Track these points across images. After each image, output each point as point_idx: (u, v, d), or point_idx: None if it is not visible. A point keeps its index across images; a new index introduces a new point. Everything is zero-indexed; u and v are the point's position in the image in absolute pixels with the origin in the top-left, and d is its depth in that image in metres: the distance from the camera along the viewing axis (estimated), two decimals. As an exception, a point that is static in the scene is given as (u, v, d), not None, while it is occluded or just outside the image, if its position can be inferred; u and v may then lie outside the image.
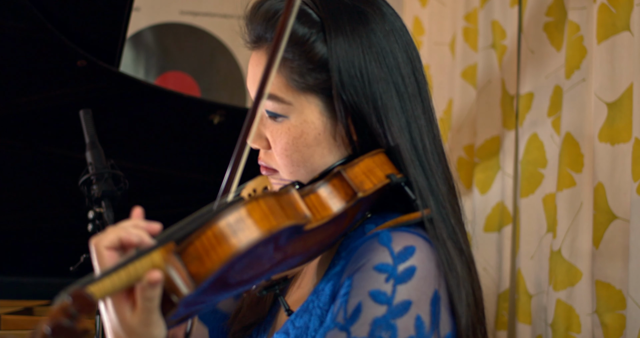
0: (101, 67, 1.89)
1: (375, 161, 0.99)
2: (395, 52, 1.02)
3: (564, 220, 1.69)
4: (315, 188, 0.95)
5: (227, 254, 0.82)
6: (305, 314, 1.00)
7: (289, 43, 0.98)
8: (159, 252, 0.83)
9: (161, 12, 2.77)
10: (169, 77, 2.78)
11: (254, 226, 0.83)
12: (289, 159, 1.03)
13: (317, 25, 1.01)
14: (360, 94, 1.00)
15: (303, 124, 1.02)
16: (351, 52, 1.00)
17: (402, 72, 1.02)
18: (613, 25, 1.57)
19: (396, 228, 0.97)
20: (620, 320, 1.56)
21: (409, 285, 0.92)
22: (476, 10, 2.13)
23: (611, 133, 1.57)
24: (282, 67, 1.01)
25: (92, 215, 1.54)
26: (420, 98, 1.04)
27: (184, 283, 0.82)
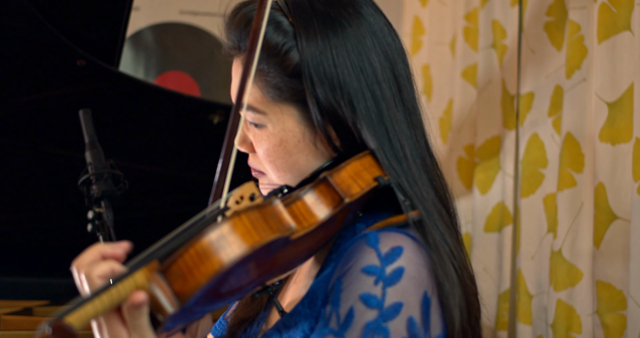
0: (100, 67, 1.89)
1: (363, 164, 0.98)
2: (371, 55, 1.01)
3: (564, 220, 1.69)
4: (301, 195, 0.94)
5: (210, 272, 0.82)
6: (296, 315, 1.00)
7: (263, 54, 0.99)
8: (142, 272, 0.83)
9: (161, 11, 2.76)
10: (168, 77, 2.78)
11: (237, 242, 0.83)
12: (273, 164, 1.04)
13: (289, 34, 1.01)
14: (334, 101, 0.99)
15: (281, 133, 1.02)
16: (322, 59, 0.99)
17: (379, 76, 1.01)
18: (614, 25, 1.57)
19: (385, 228, 0.97)
20: (621, 321, 1.55)
21: (398, 287, 0.92)
22: (476, 9, 2.13)
23: (612, 132, 1.57)
24: (257, 79, 1.02)
25: (92, 215, 1.54)
26: (402, 102, 1.02)
27: (168, 302, 0.83)
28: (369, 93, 1.00)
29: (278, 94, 1.01)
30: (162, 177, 2.15)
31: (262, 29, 0.94)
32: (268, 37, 1.00)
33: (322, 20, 1.01)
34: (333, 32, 1.00)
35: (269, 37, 1.00)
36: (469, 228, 2.12)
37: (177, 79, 2.79)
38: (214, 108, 2.07)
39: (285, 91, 1.01)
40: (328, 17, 1.01)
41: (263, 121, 1.03)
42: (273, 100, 1.02)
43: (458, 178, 2.17)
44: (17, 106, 1.93)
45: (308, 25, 1.00)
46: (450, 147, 2.21)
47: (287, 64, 1.00)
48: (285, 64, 1.00)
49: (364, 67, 1.00)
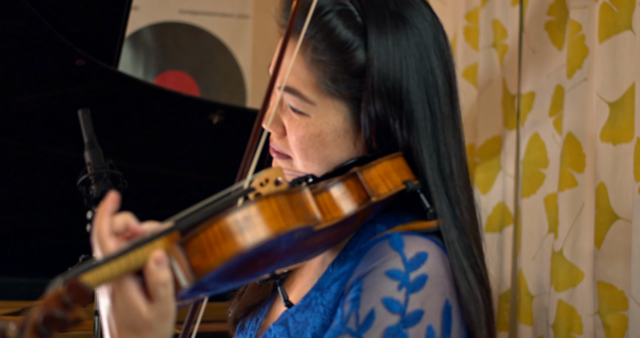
0: (100, 66, 1.89)
1: (394, 165, 0.97)
2: (435, 69, 0.99)
3: (565, 220, 1.69)
4: (329, 187, 0.93)
5: (232, 251, 0.80)
6: (307, 310, 0.99)
7: (328, 45, 0.96)
8: (162, 241, 0.81)
9: (160, 11, 2.76)
10: (168, 77, 2.78)
11: (262, 225, 0.81)
12: (304, 152, 1.01)
13: (360, 32, 0.97)
14: (393, 109, 0.97)
15: (323, 125, 1.00)
16: (390, 65, 0.96)
17: (440, 91, 0.99)
18: (615, 24, 1.56)
19: (409, 232, 0.96)
20: (623, 321, 1.55)
21: (421, 294, 0.91)
22: (477, 9, 2.13)
23: (613, 132, 1.57)
24: (314, 67, 0.98)
25: (91, 215, 1.53)
26: (453, 120, 1.02)
27: (184, 275, 0.81)
28: (428, 107, 0.98)
29: (334, 88, 0.98)
30: (162, 177, 2.14)
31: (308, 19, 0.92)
32: (337, 30, 0.96)
33: (395, 21, 0.97)
34: (404, 38, 0.97)
35: (338, 31, 0.96)
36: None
37: (177, 79, 2.78)
38: (213, 108, 2.06)
39: (343, 87, 0.98)
40: (400, 19, 0.98)
41: (308, 109, 0.99)
42: (326, 92, 0.98)
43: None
44: (16, 105, 1.93)
45: (380, 26, 0.97)
46: (451, 147, 2.20)
47: (351, 62, 0.97)
48: (350, 63, 0.97)
49: (428, 80, 0.98)
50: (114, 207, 0.84)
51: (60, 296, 0.74)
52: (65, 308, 0.73)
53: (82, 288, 0.74)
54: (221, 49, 2.80)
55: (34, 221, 2.12)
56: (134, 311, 0.79)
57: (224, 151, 2.08)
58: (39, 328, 0.72)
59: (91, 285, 0.76)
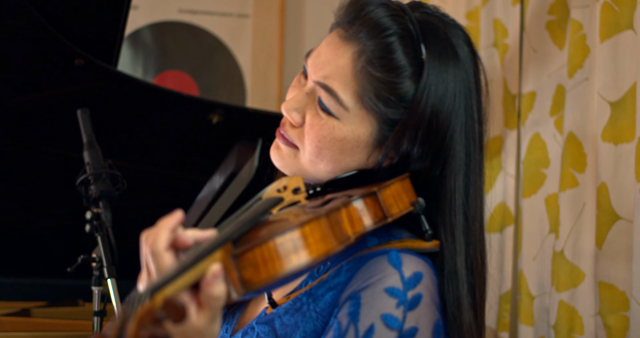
0: (99, 66, 1.89)
1: (404, 186, 1.00)
2: (473, 108, 1.01)
3: (566, 220, 1.68)
4: (352, 202, 0.94)
5: (284, 269, 0.82)
6: (297, 314, 1.01)
7: (384, 64, 0.97)
8: (219, 253, 0.83)
9: (159, 10, 2.76)
10: (167, 77, 2.77)
11: (313, 246, 0.84)
12: (318, 150, 1.01)
13: (417, 62, 0.98)
14: (430, 145, 0.99)
15: (349, 133, 1.01)
16: (440, 106, 0.98)
17: (475, 130, 1.01)
18: (616, 23, 1.56)
19: (405, 250, 0.99)
20: (624, 322, 1.55)
21: (416, 312, 0.95)
22: (478, 8, 2.12)
23: (614, 132, 1.57)
24: (363, 78, 0.98)
25: (90, 216, 1.53)
26: (480, 154, 1.04)
27: (234, 287, 0.83)
28: (464, 151, 1.00)
29: (374, 103, 0.99)
30: (161, 177, 2.14)
31: None
32: (396, 54, 0.98)
33: (453, 64, 0.99)
34: (458, 75, 0.99)
35: (396, 55, 0.98)
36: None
37: (176, 79, 2.78)
38: (213, 108, 2.06)
39: (382, 106, 0.99)
40: (458, 62, 1.00)
41: (340, 113, 1.00)
42: (364, 104, 0.99)
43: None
44: (15, 105, 1.93)
45: (440, 66, 0.98)
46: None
47: (400, 87, 0.99)
48: (398, 86, 0.99)
49: (469, 120, 1.00)
50: (176, 225, 0.85)
51: (154, 311, 0.74)
52: (159, 325, 0.73)
53: (177, 305, 0.74)
54: (221, 48, 2.80)
55: (33, 221, 2.12)
56: (186, 321, 0.80)
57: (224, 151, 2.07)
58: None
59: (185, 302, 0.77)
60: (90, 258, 1.52)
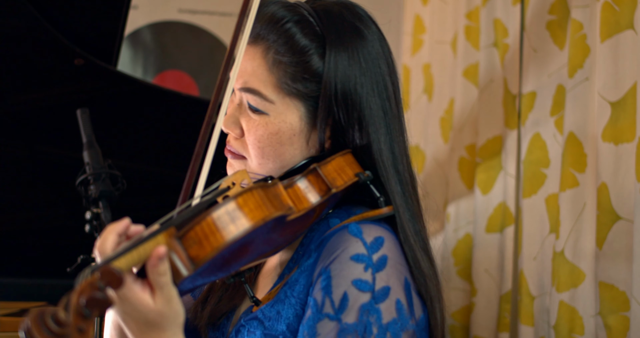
0: (98, 66, 1.89)
1: (345, 160, 1.08)
2: (384, 75, 1.10)
3: (567, 220, 1.68)
4: (294, 182, 1.03)
5: (226, 240, 0.89)
6: (277, 303, 1.07)
7: (289, 49, 1.07)
8: (162, 236, 0.90)
9: (159, 10, 2.75)
10: (167, 76, 2.77)
11: (249, 215, 0.91)
12: (261, 151, 1.09)
13: (318, 39, 1.08)
14: (351, 110, 1.08)
15: (281, 123, 1.08)
16: (348, 71, 1.07)
17: (389, 93, 1.10)
18: (617, 23, 1.56)
19: (363, 221, 1.06)
20: (624, 322, 1.54)
21: (384, 273, 1.01)
22: (478, 8, 2.12)
23: (615, 132, 1.56)
24: (275, 68, 1.07)
25: (89, 216, 1.53)
26: (399, 120, 1.12)
27: (184, 265, 0.89)
28: (382, 110, 1.09)
29: (294, 87, 1.07)
30: (161, 177, 2.14)
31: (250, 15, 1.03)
32: (297, 37, 1.07)
33: (351, 33, 1.09)
34: (360, 48, 1.08)
35: (297, 37, 1.07)
36: (470, 228, 2.11)
37: (176, 78, 2.78)
38: (213, 107, 2.05)
39: (301, 87, 1.07)
40: (355, 31, 1.09)
41: (267, 108, 1.08)
42: (286, 91, 1.07)
43: (459, 178, 2.16)
44: (14, 105, 1.93)
45: (339, 36, 1.07)
46: (452, 147, 2.20)
47: (310, 64, 1.07)
48: (308, 65, 1.07)
49: (380, 86, 1.09)
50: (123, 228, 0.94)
51: (95, 281, 0.82)
52: (102, 291, 0.82)
53: (115, 272, 0.82)
54: (221, 48, 2.79)
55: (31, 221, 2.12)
56: (142, 307, 0.89)
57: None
58: (82, 310, 0.80)
59: (122, 269, 0.85)
60: (90, 258, 1.53)
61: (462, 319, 2.11)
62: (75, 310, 0.80)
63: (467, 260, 2.11)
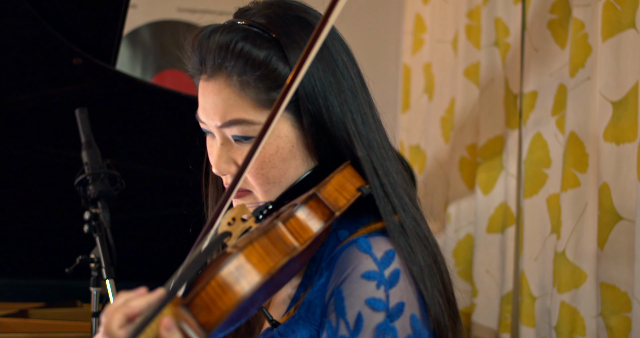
0: (97, 65, 1.88)
1: (345, 176, 1.04)
2: (342, 57, 1.06)
3: (568, 220, 1.68)
4: (294, 212, 0.97)
5: (233, 301, 0.87)
6: (292, 323, 1.04)
7: (250, 67, 1.02)
8: (168, 308, 0.87)
9: (158, 9, 2.75)
10: (166, 76, 2.77)
11: (254, 270, 0.89)
12: (265, 177, 1.05)
13: (273, 44, 1.03)
14: (321, 105, 1.03)
15: (277, 140, 1.04)
16: (311, 71, 1.03)
17: (352, 75, 1.06)
18: (618, 22, 1.55)
19: (371, 234, 1.03)
20: (626, 323, 1.54)
21: (397, 288, 0.98)
22: (479, 7, 2.11)
23: (616, 132, 1.56)
24: (245, 90, 1.02)
25: (88, 216, 1.52)
26: (366, 96, 1.08)
27: (195, 333, 0.87)
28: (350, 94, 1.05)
29: (272, 100, 1.03)
30: (160, 177, 2.13)
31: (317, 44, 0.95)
32: (253, 52, 1.02)
33: (298, 26, 1.04)
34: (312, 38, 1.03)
35: (255, 53, 1.02)
36: (471, 229, 2.11)
37: (175, 78, 2.77)
38: (212, 107, 2.05)
39: (277, 96, 1.02)
40: (303, 23, 1.05)
41: (257, 131, 1.03)
42: (266, 107, 1.03)
43: (460, 178, 2.15)
44: (13, 104, 1.92)
45: (290, 34, 1.03)
46: (452, 147, 2.19)
47: (278, 72, 1.03)
48: (276, 73, 1.03)
49: (342, 69, 1.05)
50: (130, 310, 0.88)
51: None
52: None
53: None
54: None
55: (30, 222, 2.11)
56: None
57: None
58: None
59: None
60: (88, 258, 1.52)
61: (463, 320, 2.10)
62: None
63: (468, 261, 2.10)
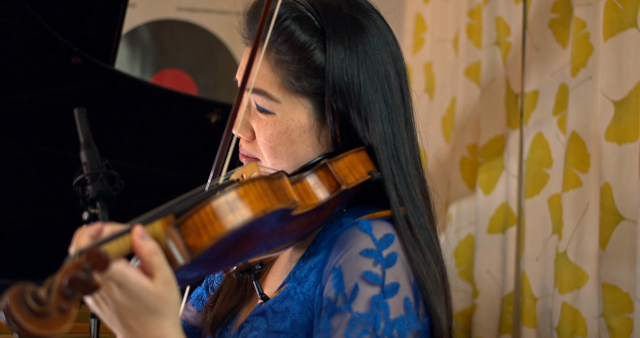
0: (96, 64, 1.88)
1: (359, 157, 1.07)
2: (386, 65, 1.09)
3: (569, 221, 1.67)
4: (303, 177, 1.02)
5: (223, 230, 0.88)
6: (286, 299, 1.07)
7: (289, 47, 1.06)
8: (158, 223, 0.88)
9: (157, 8, 2.74)
10: (165, 75, 2.76)
11: (249, 206, 0.90)
12: (272, 150, 1.09)
13: (318, 34, 1.07)
14: (351, 103, 1.07)
15: (289, 121, 1.08)
16: (347, 63, 1.06)
17: (391, 84, 1.09)
18: (620, 21, 1.55)
19: (374, 219, 1.05)
20: (628, 324, 1.54)
21: (394, 269, 1.01)
22: (480, 6, 2.11)
23: (618, 132, 1.56)
24: (278, 68, 1.07)
25: (87, 216, 1.52)
26: (404, 112, 1.11)
27: (180, 254, 0.88)
28: (383, 101, 1.08)
29: (298, 85, 1.07)
30: (159, 177, 2.13)
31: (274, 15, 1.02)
32: (296, 34, 1.07)
33: (349, 25, 1.08)
34: (359, 39, 1.08)
35: (297, 34, 1.07)
36: (472, 229, 2.10)
37: (174, 77, 2.77)
38: (211, 107, 2.06)
39: (306, 84, 1.07)
40: (353, 23, 1.09)
41: (274, 108, 1.08)
42: (291, 90, 1.07)
43: (461, 178, 2.15)
44: (11, 104, 1.92)
45: (337, 28, 1.07)
46: (453, 146, 2.19)
47: (311, 61, 1.07)
48: (310, 61, 1.07)
49: (381, 75, 1.08)
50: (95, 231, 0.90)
51: (81, 263, 0.80)
52: (86, 273, 0.80)
53: (101, 255, 0.81)
54: (219, 47, 2.78)
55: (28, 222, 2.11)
56: (141, 291, 0.85)
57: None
58: (64, 290, 0.79)
59: (109, 253, 0.83)
60: (87, 259, 1.51)
61: (463, 321, 2.10)
62: (57, 289, 0.78)
63: (468, 261, 2.10)
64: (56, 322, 0.78)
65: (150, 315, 0.86)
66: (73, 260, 0.81)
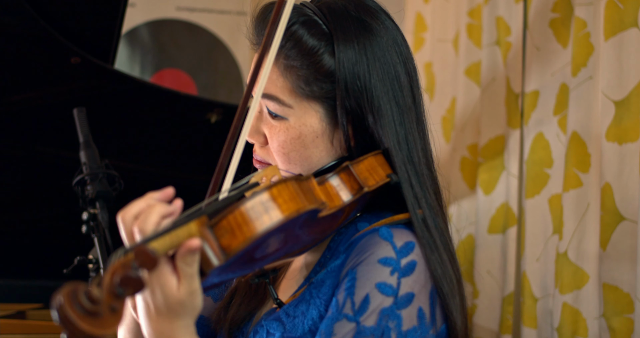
0: (95, 64, 1.88)
1: (377, 160, 1.07)
2: (396, 65, 1.09)
3: (570, 221, 1.67)
4: (326, 179, 1.02)
5: (258, 230, 0.88)
6: (301, 303, 1.06)
7: (298, 52, 1.06)
8: (194, 223, 0.89)
9: (157, 8, 2.74)
10: (165, 75, 2.76)
11: (283, 206, 0.90)
12: (286, 156, 1.09)
13: (326, 37, 1.07)
14: (365, 105, 1.07)
15: (302, 127, 1.08)
16: (357, 66, 1.06)
17: (402, 85, 1.09)
18: (620, 21, 1.55)
19: (393, 225, 1.05)
20: (628, 324, 1.54)
21: (411, 279, 1.00)
22: (480, 6, 2.10)
23: (619, 132, 1.56)
24: (288, 74, 1.07)
25: (86, 216, 1.52)
26: (416, 111, 1.11)
27: (215, 255, 0.88)
28: (394, 102, 1.08)
29: (309, 90, 1.06)
30: (159, 177, 2.13)
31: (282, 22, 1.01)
32: (304, 38, 1.07)
33: (357, 27, 1.08)
34: (368, 42, 1.07)
35: (305, 39, 1.07)
36: (472, 229, 2.10)
37: (174, 77, 2.77)
38: (211, 107, 2.06)
39: (316, 88, 1.07)
40: (361, 25, 1.08)
41: (286, 113, 1.07)
42: (302, 95, 1.07)
43: (461, 178, 2.15)
44: (10, 104, 1.92)
45: (345, 31, 1.07)
46: (454, 146, 2.18)
47: (321, 65, 1.06)
48: (319, 66, 1.06)
49: (391, 76, 1.08)
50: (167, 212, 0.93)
51: (129, 262, 0.82)
52: (136, 271, 0.81)
53: (150, 253, 0.82)
54: (219, 46, 2.78)
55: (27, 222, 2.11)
56: (168, 291, 0.88)
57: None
58: (115, 289, 0.80)
59: (158, 251, 0.84)
60: (86, 259, 1.52)
61: (463, 321, 2.10)
62: (108, 288, 0.79)
63: (469, 261, 2.09)
64: (109, 321, 0.79)
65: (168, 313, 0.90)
66: (121, 257, 0.82)
